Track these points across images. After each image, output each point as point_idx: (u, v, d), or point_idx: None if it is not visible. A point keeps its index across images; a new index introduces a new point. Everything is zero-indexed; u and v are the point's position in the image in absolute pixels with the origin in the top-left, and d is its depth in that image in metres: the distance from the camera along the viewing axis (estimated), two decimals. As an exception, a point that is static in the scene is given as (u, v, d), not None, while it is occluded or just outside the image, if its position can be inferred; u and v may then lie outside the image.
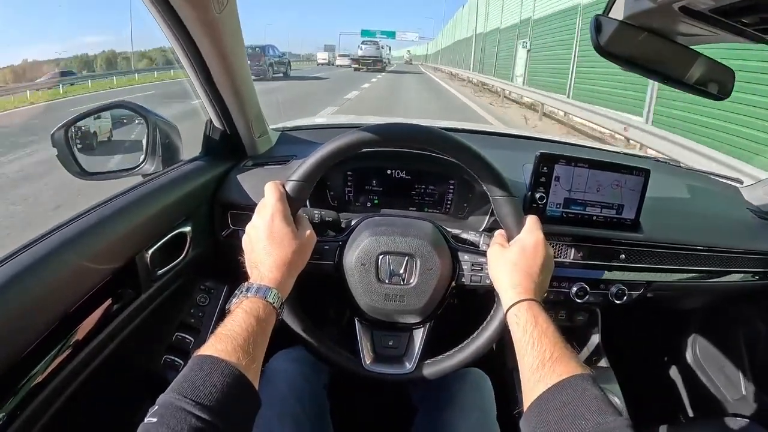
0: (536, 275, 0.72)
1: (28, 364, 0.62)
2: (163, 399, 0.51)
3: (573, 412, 0.54)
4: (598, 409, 0.54)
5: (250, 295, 0.64)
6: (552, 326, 0.66)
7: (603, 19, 0.82)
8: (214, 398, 0.51)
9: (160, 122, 1.03)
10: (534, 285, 0.71)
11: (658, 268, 1.08)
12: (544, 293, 0.75)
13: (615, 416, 0.53)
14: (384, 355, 0.85)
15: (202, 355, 0.55)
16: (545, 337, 0.64)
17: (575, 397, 0.56)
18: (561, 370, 0.59)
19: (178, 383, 0.52)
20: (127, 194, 0.84)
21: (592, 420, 0.53)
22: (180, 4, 0.70)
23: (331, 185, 1.07)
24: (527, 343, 0.64)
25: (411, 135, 0.78)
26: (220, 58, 0.83)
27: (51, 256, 0.64)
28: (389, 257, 0.80)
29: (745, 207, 1.21)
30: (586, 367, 0.61)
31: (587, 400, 0.55)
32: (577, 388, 0.57)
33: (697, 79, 0.87)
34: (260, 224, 0.70)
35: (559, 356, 0.61)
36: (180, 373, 0.54)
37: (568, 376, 0.58)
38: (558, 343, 0.63)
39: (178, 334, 1.02)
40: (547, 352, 0.62)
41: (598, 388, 0.57)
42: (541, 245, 0.74)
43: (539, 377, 0.60)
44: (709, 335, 1.40)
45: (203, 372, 0.53)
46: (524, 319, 0.67)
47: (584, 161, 0.97)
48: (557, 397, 0.57)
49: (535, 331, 0.65)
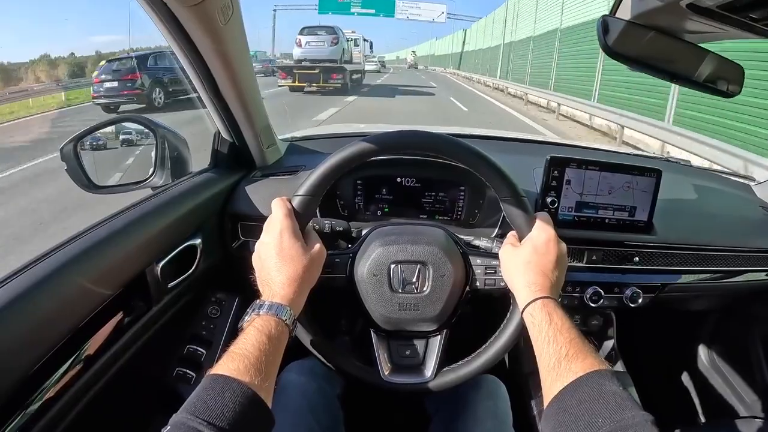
0: (550, 272, 0.71)
1: (40, 379, 0.62)
2: (176, 419, 0.50)
3: (590, 410, 0.53)
4: (616, 406, 0.53)
5: (262, 312, 0.64)
6: (568, 322, 0.65)
7: (610, 20, 0.81)
8: (226, 418, 0.50)
9: (168, 135, 1.03)
10: (549, 282, 0.70)
11: (672, 270, 1.07)
12: (560, 289, 0.74)
13: (634, 411, 0.52)
14: (402, 365, 0.84)
15: (215, 375, 0.55)
16: (560, 335, 0.63)
17: (592, 395, 0.55)
18: (577, 368, 0.58)
19: (190, 403, 0.52)
20: (137, 207, 0.84)
21: (609, 417, 0.52)
22: (185, 17, 0.70)
23: (342, 194, 1.06)
24: (543, 341, 0.64)
25: (414, 142, 0.78)
26: (226, 70, 0.84)
27: (61, 270, 0.64)
28: (401, 266, 0.79)
29: (758, 205, 1.20)
30: (604, 362, 0.60)
31: (605, 397, 0.54)
32: (594, 385, 0.56)
33: (706, 77, 0.86)
34: (269, 241, 0.70)
35: (575, 353, 0.60)
36: (193, 393, 0.53)
37: (584, 373, 0.57)
38: (574, 339, 0.62)
39: (189, 347, 1.02)
40: (563, 350, 0.61)
41: (617, 384, 0.56)
42: (553, 241, 0.74)
43: (556, 375, 0.59)
44: (724, 336, 1.38)
45: (215, 392, 0.53)
46: (539, 317, 0.66)
47: (595, 164, 0.96)
48: (574, 396, 0.56)
49: (551, 329, 0.64)
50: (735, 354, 1.33)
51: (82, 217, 3.19)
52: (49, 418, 0.63)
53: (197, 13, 0.70)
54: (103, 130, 1.05)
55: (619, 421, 0.51)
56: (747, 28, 0.72)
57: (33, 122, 9.85)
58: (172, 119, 1.11)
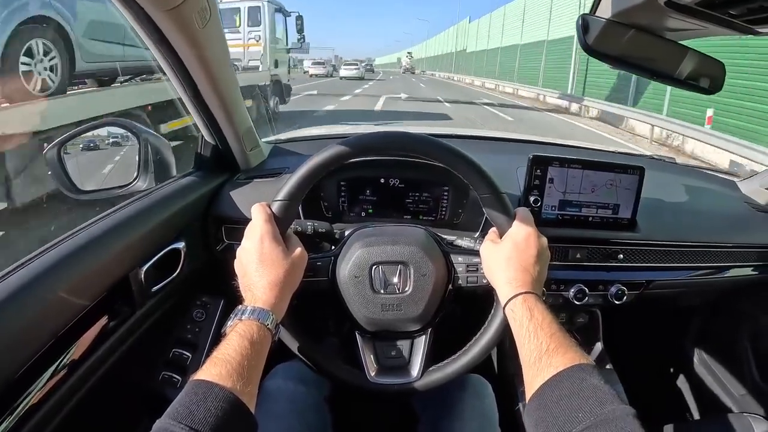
0: (531, 267, 0.71)
1: (23, 385, 0.62)
2: (159, 425, 0.50)
3: (570, 405, 0.53)
4: (597, 400, 0.53)
5: (245, 318, 0.64)
6: (549, 317, 0.65)
7: (590, 19, 0.81)
8: (209, 423, 0.51)
9: (151, 138, 1.03)
10: (530, 277, 0.70)
11: (657, 267, 1.07)
12: (543, 284, 0.74)
13: (615, 405, 0.52)
14: (388, 366, 0.84)
15: (198, 380, 0.55)
16: (541, 330, 0.63)
17: (573, 389, 0.55)
18: (558, 362, 0.58)
19: (173, 408, 0.52)
20: (120, 212, 0.84)
21: (589, 411, 0.52)
22: (162, 21, 0.70)
23: (325, 196, 1.06)
24: (524, 337, 0.64)
25: (390, 142, 0.78)
26: (206, 74, 0.83)
27: (43, 277, 0.64)
28: (382, 267, 0.79)
29: (743, 201, 1.20)
30: (585, 356, 0.60)
31: (585, 391, 0.54)
32: (575, 380, 0.56)
33: (687, 75, 0.86)
34: (250, 247, 0.70)
35: (556, 347, 0.60)
36: (176, 398, 0.53)
37: (565, 367, 0.57)
38: (555, 334, 0.62)
39: (175, 350, 1.01)
40: (544, 345, 0.61)
41: (598, 378, 0.56)
42: (533, 236, 0.73)
43: (537, 370, 0.59)
44: (712, 332, 1.38)
45: (198, 397, 0.53)
46: (520, 313, 0.66)
47: (578, 162, 0.96)
48: (555, 390, 0.56)
49: (531, 324, 0.64)
50: (723, 350, 1.34)
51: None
52: (34, 422, 0.63)
53: (174, 16, 0.69)
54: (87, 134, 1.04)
55: (600, 415, 0.51)
56: (727, 25, 0.71)
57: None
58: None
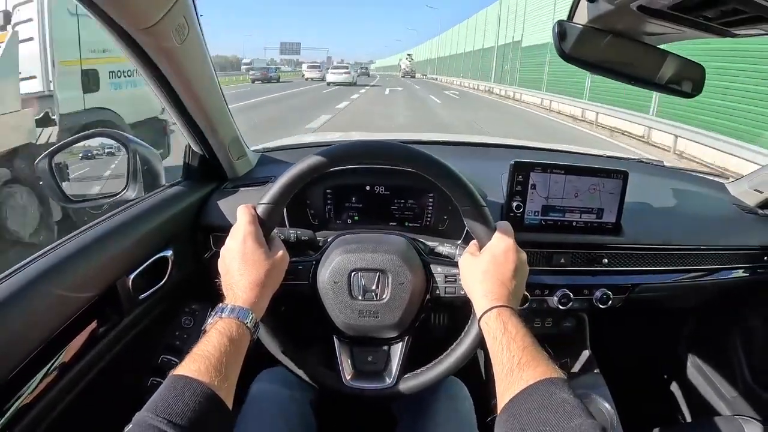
0: (508, 281, 0.72)
1: (12, 390, 0.64)
2: (138, 417, 0.52)
3: (538, 419, 0.54)
4: (565, 414, 0.53)
5: (224, 315, 0.66)
6: (522, 331, 0.65)
7: (567, 25, 0.81)
8: (186, 417, 0.52)
9: (140, 148, 1.04)
10: (506, 291, 0.71)
11: (643, 270, 1.07)
12: (519, 298, 0.75)
13: (582, 419, 0.52)
14: (364, 371, 0.86)
15: (177, 375, 0.57)
16: (514, 343, 0.63)
17: (541, 403, 0.55)
18: (529, 376, 0.59)
19: (153, 402, 0.54)
20: (109, 220, 0.86)
21: (557, 425, 0.52)
22: (141, 38, 0.71)
23: (311, 203, 1.07)
24: (497, 350, 0.64)
25: (371, 152, 0.79)
26: (187, 87, 0.85)
27: (31, 285, 0.66)
28: (360, 273, 0.80)
29: (732, 203, 1.20)
30: (557, 370, 0.60)
31: (554, 405, 0.55)
32: (545, 393, 0.56)
33: (668, 79, 0.86)
34: (233, 246, 0.72)
35: (527, 361, 0.61)
36: (155, 392, 0.55)
37: (535, 381, 0.58)
38: (527, 347, 0.63)
39: (163, 357, 1.03)
40: (515, 358, 0.62)
41: (568, 392, 0.56)
42: (512, 250, 0.74)
43: (508, 384, 0.60)
44: (702, 334, 1.38)
45: (176, 391, 0.54)
46: (494, 326, 0.67)
47: (560, 167, 0.97)
48: (524, 404, 0.57)
49: (505, 337, 0.65)
50: (714, 352, 1.33)
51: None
52: (24, 425, 0.65)
53: (152, 34, 0.71)
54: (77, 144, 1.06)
55: (567, 429, 0.52)
56: (703, 28, 0.72)
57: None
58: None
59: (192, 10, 0.75)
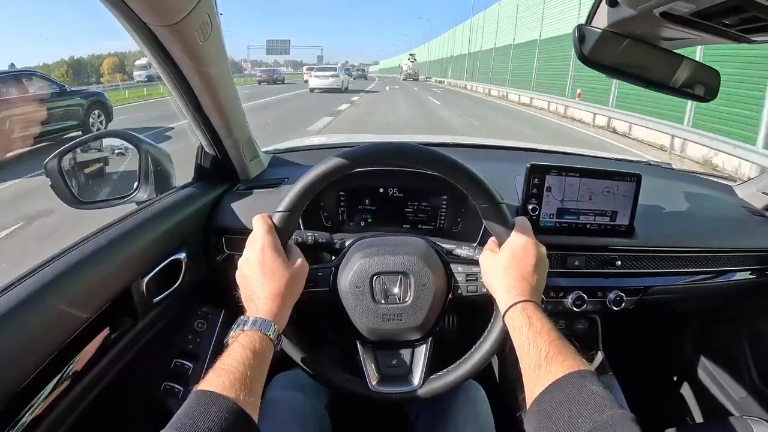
0: (530, 276, 0.72)
1: (27, 396, 0.63)
2: None
3: (569, 411, 0.54)
4: (596, 405, 0.53)
5: (247, 328, 0.65)
6: (548, 325, 0.65)
7: (586, 29, 0.82)
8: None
9: (151, 149, 1.03)
10: (529, 286, 0.71)
11: (655, 273, 1.08)
12: (541, 292, 0.74)
13: (614, 410, 0.52)
14: (389, 375, 0.84)
15: (201, 390, 0.56)
16: (540, 337, 0.63)
17: (571, 396, 0.55)
18: (557, 369, 0.59)
19: (177, 419, 0.52)
20: (121, 223, 0.85)
21: (588, 417, 0.52)
22: (164, 36, 0.71)
23: (325, 206, 1.07)
24: (524, 345, 0.64)
25: (388, 154, 0.78)
26: (207, 86, 0.84)
27: (46, 289, 0.65)
28: (383, 277, 0.80)
29: (740, 205, 1.21)
30: (584, 363, 0.60)
31: (584, 397, 0.54)
32: (574, 386, 0.56)
33: (683, 83, 0.88)
34: (252, 257, 0.71)
35: (555, 354, 0.61)
36: (180, 409, 0.54)
37: (564, 374, 0.58)
38: (554, 341, 0.63)
39: (177, 361, 1.02)
40: (543, 352, 0.61)
41: (597, 384, 0.56)
42: (531, 245, 0.74)
43: (536, 378, 0.60)
44: (711, 336, 1.39)
45: (201, 407, 0.53)
46: (519, 321, 0.67)
47: (575, 170, 0.97)
48: (554, 398, 0.56)
49: (530, 332, 0.64)
50: (723, 354, 1.34)
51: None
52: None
53: (176, 32, 0.70)
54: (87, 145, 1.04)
55: (599, 421, 0.52)
56: (721, 34, 0.73)
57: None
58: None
59: (214, 9, 0.74)
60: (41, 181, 0.94)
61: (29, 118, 7.32)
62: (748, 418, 1.14)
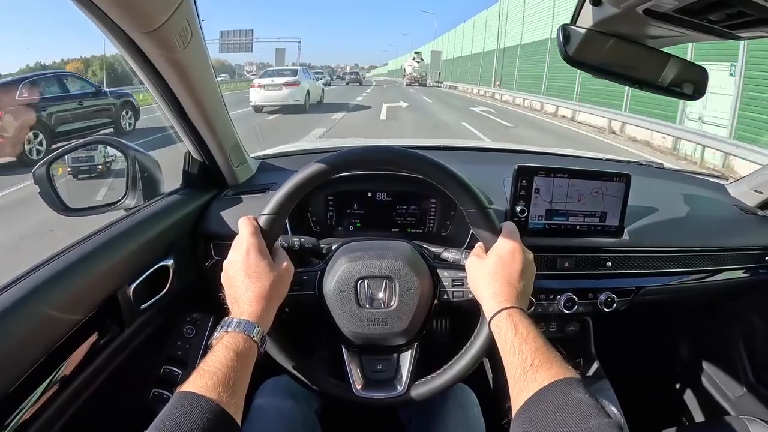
0: (516, 282, 0.72)
1: (14, 403, 0.63)
2: None
3: (555, 420, 0.53)
4: (581, 414, 0.53)
5: (231, 330, 0.65)
6: (533, 332, 0.65)
7: (571, 29, 0.82)
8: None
9: (139, 156, 1.03)
10: (515, 292, 0.71)
11: (646, 273, 1.07)
12: (528, 299, 0.74)
13: (600, 419, 0.52)
14: (374, 380, 0.84)
15: (184, 392, 0.56)
16: (526, 344, 0.63)
17: (557, 404, 0.55)
18: (543, 377, 0.58)
19: (160, 420, 0.52)
20: (109, 229, 0.85)
21: (575, 426, 0.52)
22: (143, 42, 0.70)
23: (313, 211, 1.06)
24: (509, 352, 0.64)
25: (374, 158, 0.78)
26: (189, 93, 0.84)
27: (31, 296, 0.65)
28: (367, 281, 0.79)
29: (732, 204, 1.20)
30: (570, 370, 0.59)
31: (570, 406, 0.54)
32: (560, 394, 0.56)
33: (671, 81, 0.87)
34: (237, 259, 0.71)
35: (540, 362, 0.60)
36: (162, 410, 0.54)
37: (550, 382, 0.57)
38: (540, 348, 0.62)
39: (165, 367, 1.01)
40: (528, 360, 0.61)
41: (583, 392, 0.56)
42: (518, 251, 0.74)
43: (522, 386, 0.59)
44: (705, 335, 1.38)
45: (184, 409, 0.53)
46: (505, 328, 0.66)
47: (563, 171, 0.97)
48: (539, 406, 0.56)
49: (516, 339, 0.64)
50: (718, 353, 1.34)
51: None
52: None
53: (154, 39, 0.70)
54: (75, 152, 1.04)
55: (585, 429, 0.51)
56: (707, 31, 0.72)
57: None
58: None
59: (194, 15, 0.74)
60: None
61: (76, 114, 7.98)
62: (744, 417, 1.14)
